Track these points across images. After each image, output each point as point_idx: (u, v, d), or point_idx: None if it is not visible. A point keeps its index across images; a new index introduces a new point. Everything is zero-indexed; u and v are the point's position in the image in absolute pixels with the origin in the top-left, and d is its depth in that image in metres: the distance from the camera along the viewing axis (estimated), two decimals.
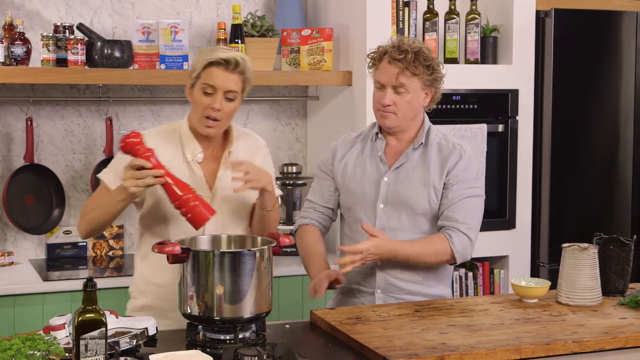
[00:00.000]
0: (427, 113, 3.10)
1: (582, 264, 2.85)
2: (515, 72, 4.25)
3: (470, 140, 4.11)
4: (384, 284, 2.97)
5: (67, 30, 3.88)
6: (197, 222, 2.69)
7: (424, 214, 2.98)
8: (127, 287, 3.05)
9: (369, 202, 3.02)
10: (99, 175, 2.89)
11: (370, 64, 3.03)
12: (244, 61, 2.81)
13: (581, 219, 4.36)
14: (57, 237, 4.10)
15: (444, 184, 2.96)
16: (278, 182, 4.28)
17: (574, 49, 4.30)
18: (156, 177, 2.65)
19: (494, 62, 4.32)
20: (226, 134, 2.95)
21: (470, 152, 3.03)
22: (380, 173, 3.03)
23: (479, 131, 4.14)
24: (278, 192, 3.00)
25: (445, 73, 3.07)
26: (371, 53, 3.03)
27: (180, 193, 2.66)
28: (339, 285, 2.95)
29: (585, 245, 2.86)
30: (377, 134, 3.07)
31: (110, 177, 2.84)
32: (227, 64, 2.77)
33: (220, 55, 2.78)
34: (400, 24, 4.15)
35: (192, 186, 2.75)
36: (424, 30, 4.24)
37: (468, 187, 2.96)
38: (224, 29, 4.10)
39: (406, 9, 4.17)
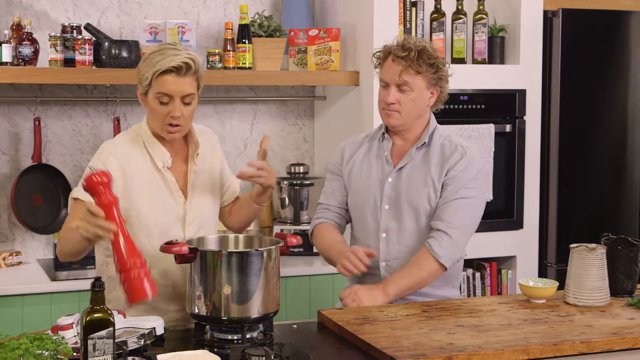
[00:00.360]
0: (434, 113, 3.10)
1: (590, 264, 2.84)
2: (523, 72, 4.24)
3: (477, 141, 4.10)
4: None
5: (74, 31, 3.89)
6: (131, 296, 2.37)
7: (427, 214, 2.98)
8: None
9: (374, 203, 3.03)
10: (73, 195, 2.74)
11: (376, 63, 3.04)
12: (194, 61, 2.69)
13: (589, 219, 4.35)
14: None
15: (442, 183, 2.97)
16: (285, 182, 4.29)
17: (582, 49, 4.30)
18: (107, 230, 2.37)
19: (502, 62, 4.32)
20: (186, 134, 2.86)
21: (472, 154, 3.02)
22: (385, 173, 3.03)
23: (487, 131, 4.14)
24: (236, 180, 3.00)
25: (452, 73, 3.06)
26: (377, 52, 3.04)
27: (125, 258, 2.36)
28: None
29: (593, 245, 2.85)
30: (383, 134, 3.07)
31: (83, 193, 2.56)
32: (178, 70, 2.66)
33: (170, 64, 2.65)
34: (408, 24, 4.14)
35: (165, 192, 2.74)
36: (431, 31, 4.23)
37: (464, 187, 2.95)
38: (231, 29, 4.10)
39: (413, 9, 4.16)
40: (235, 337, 2.47)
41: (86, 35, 3.88)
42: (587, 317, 2.70)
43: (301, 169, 4.36)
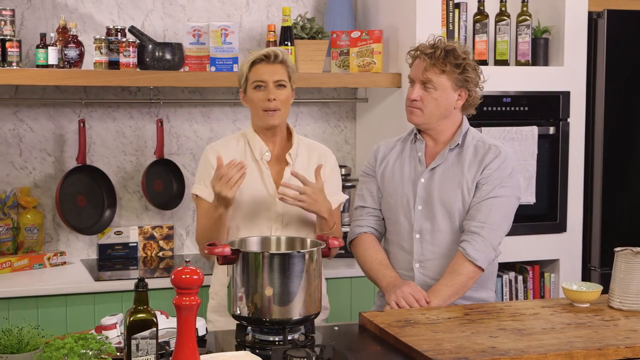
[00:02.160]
0: (467, 117, 3.09)
1: (635, 268, 2.80)
2: (567, 74, 4.20)
3: (520, 143, 4.08)
4: (425, 288, 2.96)
5: (119, 33, 3.93)
6: None
7: (460, 215, 2.98)
8: None
9: (407, 203, 3.03)
10: (194, 191, 3.06)
11: (410, 61, 3.05)
12: (283, 53, 3.01)
13: (633, 222, 4.30)
14: (109, 237, 4.15)
15: (477, 183, 2.96)
16: None
17: (627, 51, 4.25)
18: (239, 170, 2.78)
19: (545, 63, 4.28)
20: (289, 135, 3.10)
21: (506, 152, 3.01)
22: (417, 174, 3.03)
23: (530, 133, 4.11)
24: (344, 197, 3.15)
25: (486, 80, 3.06)
26: (410, 51, 3.05)
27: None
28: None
29: (639, 249, 2.82)
30: (415, 135, 3.08)
31: (204, 190, 3.01)
32: (267, 58, 2.98)
33: (260, 53, 2.99)
34: (450, 26, 4.13)
35: (259, 182, 2.99)
36: (474, 32, 4.21)
37: (499, 186, 2.95)
38: (274, 31, 4.12)
39: (456, 11, 4.15)
40: (276, 339, 2.47)
41: (130, 37, 3.92)
42: (632, 322, 2.67)
43: (343, 171, 4.35)
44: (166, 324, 2.44)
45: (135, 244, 4.19)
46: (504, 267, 4.24)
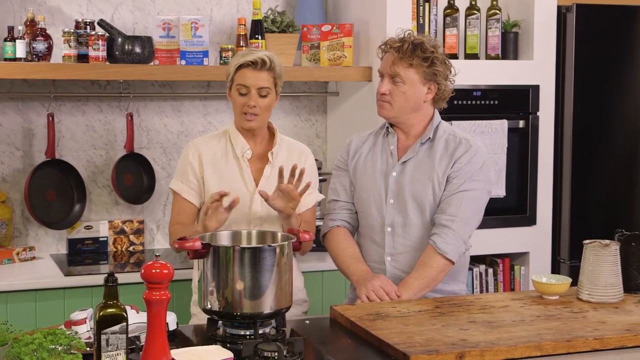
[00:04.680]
0: (439, 111, 3.10)
1: (603, 260, 2.83)
2: (536, 68, 4.22)
3: (490, 136, 4.10)
4: (396, 281, 2.97)
5: (88, 26, 3.90)
6: None
7: (431, 208, 2.99)
8: None
9: (379, 197, 3.04)
10: (171, 186, 3.13)
11: (380, 56, 3.06)
12: (272, 60, 3.02)
13: (602, 215, 4.33)
14: (78, 232, 4.13)
15: (448, 176, 2.97)
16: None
17: (596, 45, 4.28)
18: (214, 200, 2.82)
19: (515, 57, 4.30)
20: (271, 134, 3.14)
21: (477, 146, 3.03)
22: (389, 167, 3.04)
23: (500, 127, 4.13)
24: (320, 196, 3.21)
25: (458, 72, 3.06)
26: (380, 45, 3.07)
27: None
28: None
29: (607, 241, 2.84)
30: (387, 128, 3.09)
31: (181, 187, 3.09)
32: (254, 65, 2.99)
33: (248, 58, 2.99)
34: (421, 20, 4.14)
35: (238, 179, 3.05)
36: (445, 26, 4.22)
37: (470, 179, 2.97)
38: (244, 25, 4.10)
39: (426, 5, 4.15)
40: (247, 333, 2.47)
41: (99, 31, 3.89)
42: (601, 314, 2.69)
43: None
44: (136, 318, 2.44)
45: (106, 239, 4.16)
46: (475, 260, 4.26)
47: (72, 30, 3.83)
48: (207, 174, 3.07)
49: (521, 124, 4.22)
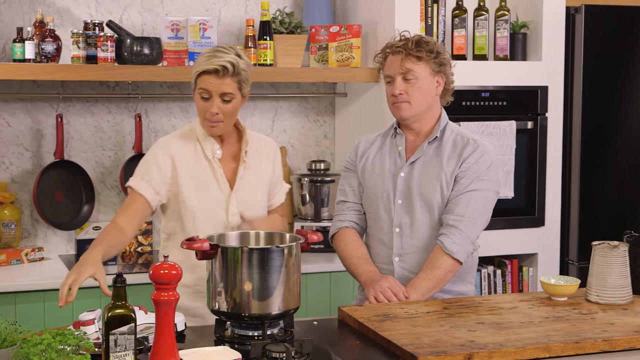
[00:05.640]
0: (445, 108, 3.11)
1: (612, 262, 2.82)
2: (545, 69, 4.22)
3: (499, 137, 4.09)
4: (405, 282, 2.97)
5: (96, 28, 3.91)
6: None
7: (439, 208, 2.99)
8: None
9: (387, 197, 3.04)
10: (129, 184, 3.00)
11: (379, 65, 3.08)
12: (236, 66, 2.87)
13: (611, 216, 4.32)
14: (87, 232, 4.13)
15: (455, 176, 2.97)
16: (306, 178, 4.29)
17: (605, 45, 4.27)
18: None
19: (524, 58, 4.29)
20: (240, 133, 3.07)
21: (485, 146, 3.03)
22: (397, 168, 3.05)
23: (508, 128, 4.12)
24: (287, 186, 3.21)
25: (455, 64, 3.09)
26: (377, 55, 3.08)
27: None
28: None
29: (616, 243, 2.84)
30: (395, 129, 3.09)
31: (139, 183, 2.97)
32: (216, 73, 2.87)
33: (208, 67, 2.86)
34: (429, 21, 4.13)
35: (212, 181, 2.95)
36: (453, 27, 4.22)
37: (478, 179, 2.97)
38: (253, 26, 4.11)
39: (435, 6, 4.15)
40: (255, 334, 2.48)
41: (108, 32, 3.90)
42: (609, 315, 2.69)
43: (322, 166, 4.36)
44: (145, 319, 2.44)
45: None
46: (483, 261, 4.26)
47: (80, 32, 3.84)
48: (182, 179, 2.97)
49: (530, 125, 4.21)
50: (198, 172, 2.98)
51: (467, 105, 4.07)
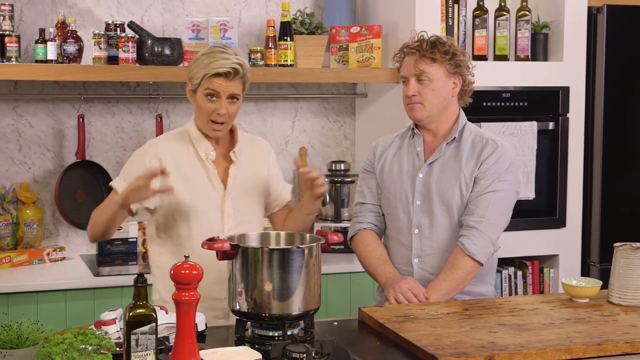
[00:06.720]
0: (464, 109, 3.10)
1: (634, 263, 2.80)
2: (566, 69, 4.20)
3: (520, 138, 4.07)
4: (424, 283, 2.96)
5: (118, 29, 3.92)
6: None
7: (458, 209, 2.98)
8: None
9: (406, 198, 3.03)
10: (112, 184, 2.98)
11: (398, 65, 3.09)
12: (242, 66, 2.87)
13: (633, 217, 4.30)
14: None
15: (475, 177, 2.96)
16: (326, 179, 4.28)
17: (627, 46, 4.25)
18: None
19: (545, 59, 4.28)
20: (232, 134, 3.04)
21: (504, 147, 3.01)
22: (415, 169, 3.04)
23: (529, 129, 4.11)
24: (289, 186, 3.18)
25: (474, 65, 3.07)
26: (396, 55, 3.08)
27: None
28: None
29: (638, 244, 2.82)
30: (413, 130, 3.08)
31: (122, 184, 2.90)
32: (227, 75, 2.85)
33: (219, 69, 2.83)
34: (450, 21, 4.13)
35: (206, 183, 2.92)
36: (474, 27, 4.21)
37: (497, 180, 2.95)
38: (273, 27, 4.11)
39: (456, 6, 4.14)
40: (276, 334, 2.47)
41: (129, 33, 3.91)
42: (631, 317, 2.67)
43: (342, 166, 4.36)
44: (166, 319, 2.44)
45: (135, 240, 4.18)
46: (503, 262, 4.24)
47: (102, 32, 3.85)
48: (173, 181, 2.89)
49: (551, 125, 4.19)
50: (191, 173, 2.94)
51: (488, 106, 4.06)
